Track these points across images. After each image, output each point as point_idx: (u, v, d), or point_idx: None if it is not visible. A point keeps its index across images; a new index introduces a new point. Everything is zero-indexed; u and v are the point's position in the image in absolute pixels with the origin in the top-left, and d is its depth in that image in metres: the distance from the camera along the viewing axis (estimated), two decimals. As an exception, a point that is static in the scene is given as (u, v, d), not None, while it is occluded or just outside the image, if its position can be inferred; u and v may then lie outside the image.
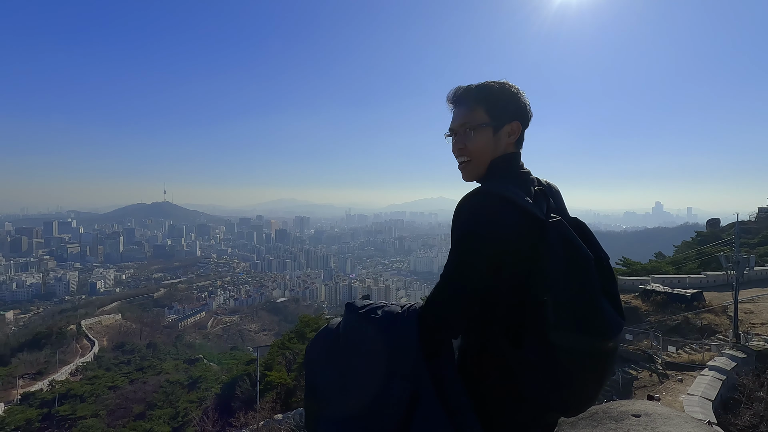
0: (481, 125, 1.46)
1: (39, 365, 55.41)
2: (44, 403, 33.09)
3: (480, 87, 1.50)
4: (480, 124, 1.46)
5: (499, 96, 1.48)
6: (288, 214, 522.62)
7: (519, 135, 1.51)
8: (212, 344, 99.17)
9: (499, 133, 1.47)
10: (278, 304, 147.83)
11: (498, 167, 1.48)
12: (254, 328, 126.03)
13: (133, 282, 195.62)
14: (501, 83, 1.50)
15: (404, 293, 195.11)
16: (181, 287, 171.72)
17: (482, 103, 1.47)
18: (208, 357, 64.86)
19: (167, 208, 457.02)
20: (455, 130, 1.53)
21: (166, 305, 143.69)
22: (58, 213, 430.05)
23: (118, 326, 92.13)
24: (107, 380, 39.85)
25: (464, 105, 1.50)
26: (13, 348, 69.98)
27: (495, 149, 1.47)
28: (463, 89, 1.52)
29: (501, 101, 1.47)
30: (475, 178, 1.53)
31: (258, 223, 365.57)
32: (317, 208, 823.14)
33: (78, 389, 35.08)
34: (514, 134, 1.49)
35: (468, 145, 1.49)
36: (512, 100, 1.49)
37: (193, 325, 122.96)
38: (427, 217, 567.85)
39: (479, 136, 1.47)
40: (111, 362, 62.02)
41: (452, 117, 1.56)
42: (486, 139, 1.46)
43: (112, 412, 31.52)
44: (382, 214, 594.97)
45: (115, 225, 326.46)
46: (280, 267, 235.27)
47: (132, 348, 74.62)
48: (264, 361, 25.29)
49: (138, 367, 53.51)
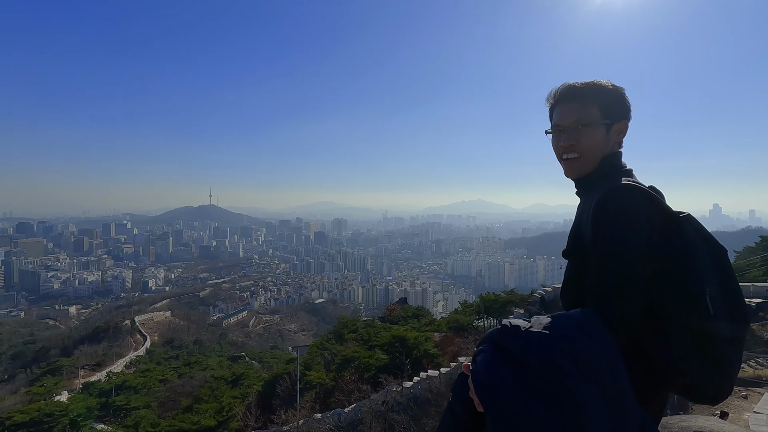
0: (595, 122, 1.49)
1: (98, 357, 59.37)
2: (102, 392, 35.39)
3: (594, 85, 1.53)
4: (594, 121, 1.49)
5: (613, 95, 1.52)
6: (326, 216, 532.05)
7: (625, 134, 1.56)
8: (254, 342, 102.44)
9: (611, 132, 1.51)
10: (316, 305, 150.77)
11: (610, 165, 1.52)
12: (293, 328, 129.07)
13: (181, 281, 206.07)
14: (611, 83, 1.54)
15: (441, 297, 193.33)
16: (225, 287, 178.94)
17: (596, 101, 1.50)
18: (250, 355, 67.06)
19: (212, 211, 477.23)
20: (563, 126, 1.55)
21: (211, 304, 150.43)
22: (115, 215, 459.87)
23: (167, 323, 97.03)
24: (158, 374, 42.03)
25: (576, 102, 1.53)
26: (76, 340, 75.69)
27: (605, 147, 1.51)
28: (576, 86, 1.55)
29: (614, 100, 1.52)
30: (581, 175, 1.56)
31: (297, 225, 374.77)
32: (354, 211, 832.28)
33: (132, 381, 37.23)
34: (623, 133, 1.55)
35: (581, 141, 1.51)
36: (623, 100, 1.53)
37: (236, 324, 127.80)
38: (464, 220, 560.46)
39: (593, 134, 1.50)
40: (161, 357, 65.46)
41: (556, 114, 1.59)
42: (599, 137, 1.50)
43: (162, 404, 33.23)
44: (419, 216, 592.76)
45: (165, 227, 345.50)
46: (319, 268, 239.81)
47: (180, 344, 78.37)
48: (303, 360, 25.77)
49: (185, 362, 56.14)
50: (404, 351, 20.05)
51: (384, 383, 17.88)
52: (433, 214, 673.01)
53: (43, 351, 76.39)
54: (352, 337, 29.26)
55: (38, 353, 76.23)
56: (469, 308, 28.54)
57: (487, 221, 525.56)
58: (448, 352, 21.28)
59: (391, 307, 40.43)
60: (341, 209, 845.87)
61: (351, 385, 19.17)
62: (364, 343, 25.73)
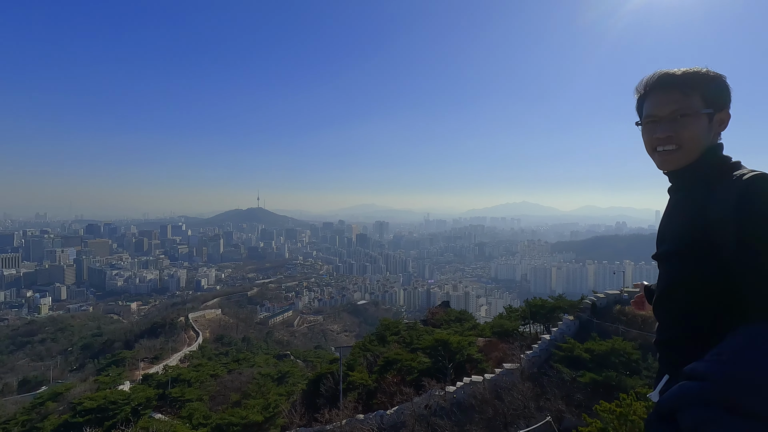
0: (697, 112, 1.38)
1: (155, 351, 63.20)
2: (159, 384, 37.61)
3: (695, 73, 1.40)
4: (696, 110, 1.38)
5: (715, 83, 1.40)
6: (368, 218, 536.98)
7: (727, 124, 1.44)
8: (298, 341, 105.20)
9: (713, 122, 1.40)
10: (359, 306, 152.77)
11: (716, 157, 1.41)
12: (336, 329, 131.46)
13: (230, 280, 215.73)
14: (711, 70, 1.42)
15: (484, 301, 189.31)
16: (271, 287, 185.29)
17: (698, 90, 1.38)
18: (295, 354, 68.87)
19: (260, 214, 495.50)
20: (659, 117, 1.44)
21: (258, 303, 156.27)
22: (171, 218, 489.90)
23: (218, 320, 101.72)
24: (209, 369, 44.11)
25: (675, 91, 1.41)
26: (136, 334, 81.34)
27: (707, 138, 1.40)
28: (675, 74, 1.43)
29: (716, 88, 1.40)
30: (678, 168, 1.45)
31: (340, 227, 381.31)
32: (396, 213, 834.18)
33: (186, 375, 39.27)
34: (724, 123, 1.43)
35: (680, 133, 1.40)
36: (725, 89, 1.41)
37: (282, 323, 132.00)
38: (509, 223, 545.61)
39: (695, 124, 1.38)
40: (212, 352, 68.64)
41: (649, 103, 1.48)
42: (702, 127, 1.38)
43: (213, 398, 34.83)
44: (461, 219, 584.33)
45: (216, 229, 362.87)
46: (361, 270, 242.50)
47: (229, 341, 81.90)
48: (346, 361, 26.08)
49: (234, 359, 58.57)
50: (447, 355, 19.81)
51: (427, 387, 17.71)
52: (476, 216, 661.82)
53: (108, 343, 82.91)
54: (394, 340, 29.27)
55: (104, 345, 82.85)
56: (514, 313, 27.74)
57: (533, 224, 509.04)
58: (493, 357, 20.76)
59: (433, 311, 40.04)
60: (383, 211, 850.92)
61: (393, 387, 19.16)
62: (406, 345, 25.67)
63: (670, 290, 1.41)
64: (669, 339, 1.42)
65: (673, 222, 1.45)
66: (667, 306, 1.43)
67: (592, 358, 15.60)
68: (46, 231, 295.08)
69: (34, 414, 30.85)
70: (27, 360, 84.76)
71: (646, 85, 1.50)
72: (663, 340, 1.45)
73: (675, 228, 1.41)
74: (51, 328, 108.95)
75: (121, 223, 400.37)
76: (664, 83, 1.44)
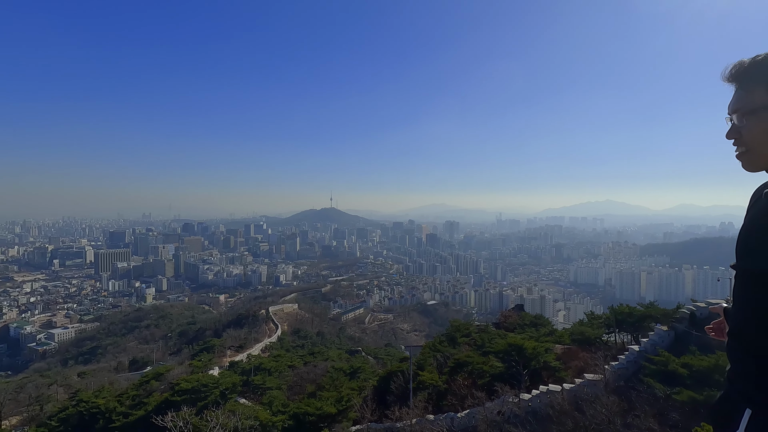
0: (761, 108, 1.21)
1: (240, 340, 68.54)
2: (244, 371, 40.80)
3: (761, 62, 1.22)
4: (759, 107, 1.21)
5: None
6: (438, 219, 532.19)
7: None
8: (369, 339, 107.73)
9: None
10: (428, 307, 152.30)
11: None
12: (406, 328, 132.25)
13: (306, 277, 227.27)
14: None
15: (562, 306, 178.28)
16: (343, 284, 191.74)
17: (763, 81, 1.21)
18: (366, 350, 70.62)
19: (333, 214, 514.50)
20: (729, 115, 1.33)
21: (331, 299, 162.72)
22: (254, 218, 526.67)
23: (295, 314, 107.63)
24: (287, 360, 46.85)
25: (740, 86, 1.27)
26: (224, 324, 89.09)
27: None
28: (742, 65, 1.28)
29: None
30: (760, 170, 1.31)
31: (410, 227, 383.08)
32: (467, 213, 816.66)
33: (267, 364, 42.13)
34: None
35: (743, 134, 1.27)
36: None
37: (353, 320, 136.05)
38: (590, 223, 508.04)
39: (758, 123, 1.22)
40: (290, 344, 72.80)
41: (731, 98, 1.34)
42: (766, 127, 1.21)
43: (291, 387, 36.99)
44: (536, 219, 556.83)
45: (293, 228, 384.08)
46: (431, 270, 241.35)
47: (305, 334, 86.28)
48: (416, 360, 26.14)
49: (310, 352, 61.65)
50: (521, 360, 19.01)
51: (499, 392, 17.15)
52: (553, 216, 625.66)
53: (200, 331, 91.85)
54: (465, 342, 28.76)
55: (197, 333, 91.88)
56: (596, 320, 25.85)
57: (618, 224, 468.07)
58: (572, 366, 19.52)
59: (506, 314, 38.65)
60: (453, 211, 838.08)
61: (464, 389, 18.82)
62: (477, 348, 25.10)
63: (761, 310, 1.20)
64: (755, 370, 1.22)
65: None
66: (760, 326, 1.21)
67: (691, 374, 14.03)
68: (151, 229, 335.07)
69: (141, 390, 35.08)
70: (136, 342, 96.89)
71: (725, 77, 1.33)
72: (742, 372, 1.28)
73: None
74: (154, 316, 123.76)
75: (211, 222, 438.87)
76: (728, 77, 1.30)
